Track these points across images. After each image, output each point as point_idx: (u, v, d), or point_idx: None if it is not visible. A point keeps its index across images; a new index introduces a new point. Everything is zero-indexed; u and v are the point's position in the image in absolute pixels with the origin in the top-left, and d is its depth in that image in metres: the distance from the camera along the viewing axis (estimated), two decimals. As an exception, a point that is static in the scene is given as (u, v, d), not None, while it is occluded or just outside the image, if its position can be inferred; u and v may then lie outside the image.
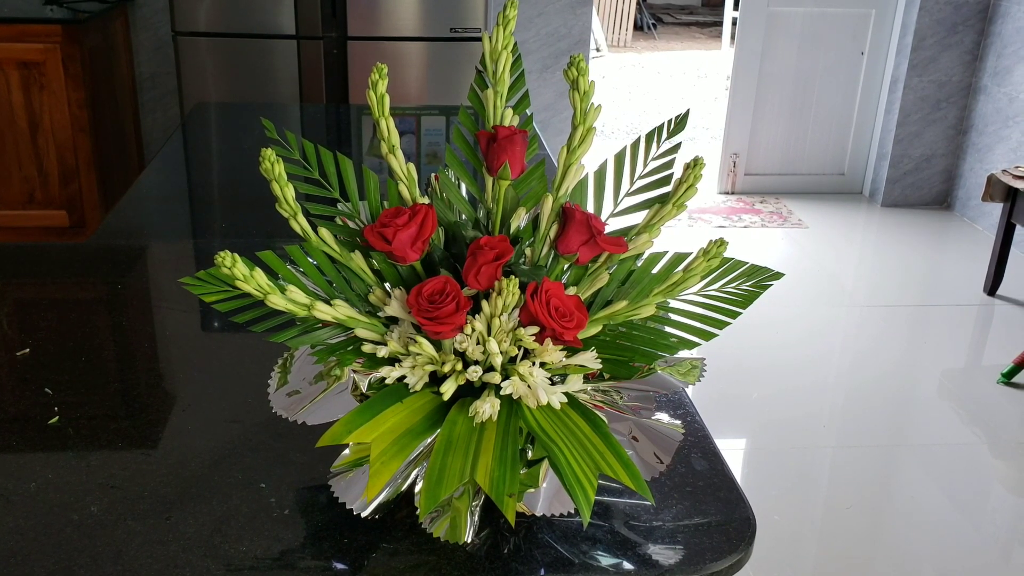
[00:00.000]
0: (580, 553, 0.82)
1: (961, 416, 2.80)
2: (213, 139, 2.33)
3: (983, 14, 4.21)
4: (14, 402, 1.04)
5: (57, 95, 3.13)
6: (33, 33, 3.09)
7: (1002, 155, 4.13)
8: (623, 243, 0.81)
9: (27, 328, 1.21)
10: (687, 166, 0.80)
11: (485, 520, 0.84)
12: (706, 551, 0.83)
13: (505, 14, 0.83)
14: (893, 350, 3.19)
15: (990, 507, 2.41)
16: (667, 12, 10.51)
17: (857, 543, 2.22)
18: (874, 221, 4.40)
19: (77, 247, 1.52)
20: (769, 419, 2.75)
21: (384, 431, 0.76)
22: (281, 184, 0.79)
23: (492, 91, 0.85)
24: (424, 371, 0.78)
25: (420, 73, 3.34)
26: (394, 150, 0.83)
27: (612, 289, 0.84)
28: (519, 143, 0.81)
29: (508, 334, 0.76)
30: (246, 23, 3.10)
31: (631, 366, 0.85)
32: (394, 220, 0.77)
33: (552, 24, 3.97)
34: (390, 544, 0.82)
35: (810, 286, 3.66)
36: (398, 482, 0.84)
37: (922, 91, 4.33)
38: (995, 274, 3.56)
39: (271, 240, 1.50)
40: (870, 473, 2.53)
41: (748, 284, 0.88)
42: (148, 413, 1.03)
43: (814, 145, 4.62)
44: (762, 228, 4.27)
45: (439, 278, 0.77)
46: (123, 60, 3.68)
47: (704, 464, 0.96)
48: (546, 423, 0.77)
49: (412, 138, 2.21)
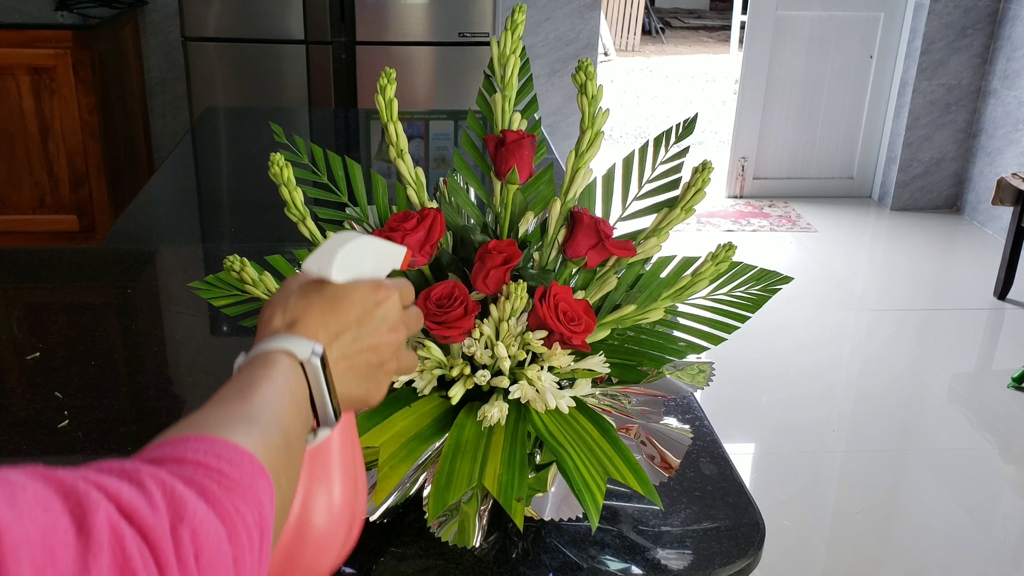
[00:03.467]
0: (588, 557, 0.82)
1: (971, 421, 2.79)
2: (222, 144, 2.34)
3: (992, 17, 4.20)
4: (24, 406, 1.04)
5: (67, 100, 3.14)
6: (44, 39, 3.11)
7: (1012, 158, 4.12)
8: (631, 247, 0.81)
9: (37, 332, 1.22)
10: (695, 170, 0.80)
11: (493, 524, 0.84)
12: (715, 556, 0.83)
13: (513, 19, 0.83)
14: (903, 354, 3.18)
15: (1000, 512, 2.40)
16: (675, 16, 10.51)
17: (866, 548, 2.21)
18: (883, 225, 4.38)
19: (87, 251, 1.53)
20: (778, 424, 2.74)
21: (392, 435, 0.76)
22: (290, 188, 0.80)
23: (500, 95, 0.85)
24: (432, 375, 0.78)
25: (428, 77, 3.35)
26: (402, 154, 0.83)
27: (620, 293, 0.84)
28: (527, 147, 0.81)
29: (516, 338, 0.76)
30: (255, 28, 3.12)
31: (639, 370, 0.84)
32: (403, 224, 0.77)
33: (560, 28, 3.97)
34: (398, 548, 0.82)
35: (819, 290, 3.65)
36: (406, 486, 0.84)
37: (931, 95, 4.31)
38: (1005, 278, 3.54)
39: (280, 244, 1.50)
40: (879, 478, 2.52)
41: (757, 288, 0.88)
42: (157, 417, 1.03)
43: (823, 149, 4.61)
44: (771, 232, 4.26)
45: (447, 282, 0.77)
46: (133, 65, 3.70)
47: (713, 468, 0.95)
48: (554, 427, 0.77)
49: (420, 142, 2.21)
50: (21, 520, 0.31)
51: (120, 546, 0.34)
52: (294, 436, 0.52)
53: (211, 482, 0.41)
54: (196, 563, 0.38)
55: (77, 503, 0.34)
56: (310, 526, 0.58)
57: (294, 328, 0.56)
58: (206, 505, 0.40)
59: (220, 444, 0.44)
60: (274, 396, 0.51)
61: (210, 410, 0.49)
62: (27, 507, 0.32)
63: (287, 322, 0.57)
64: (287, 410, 0.52)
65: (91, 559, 0.33)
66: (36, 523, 0.32)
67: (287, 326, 0.56)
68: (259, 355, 0.55)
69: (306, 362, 0.54)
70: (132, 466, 0.40)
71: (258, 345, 0.56)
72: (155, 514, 0.37)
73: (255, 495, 0.43)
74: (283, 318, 0.57)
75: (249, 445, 0.45)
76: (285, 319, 0.57)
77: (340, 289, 0.58)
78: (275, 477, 0.46)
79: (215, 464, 0.42)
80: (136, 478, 0.38)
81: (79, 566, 0.33)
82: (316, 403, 0.56)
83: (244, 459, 0.44)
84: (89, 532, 0.34)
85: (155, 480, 0.39)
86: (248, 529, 0.42)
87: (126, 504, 0.36)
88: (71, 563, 0.33)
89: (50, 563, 0.32)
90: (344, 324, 0.57)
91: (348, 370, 0.58)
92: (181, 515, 0.38)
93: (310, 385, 0.55)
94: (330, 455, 0.58)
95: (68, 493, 0.35)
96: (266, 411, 0.50)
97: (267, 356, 0.54)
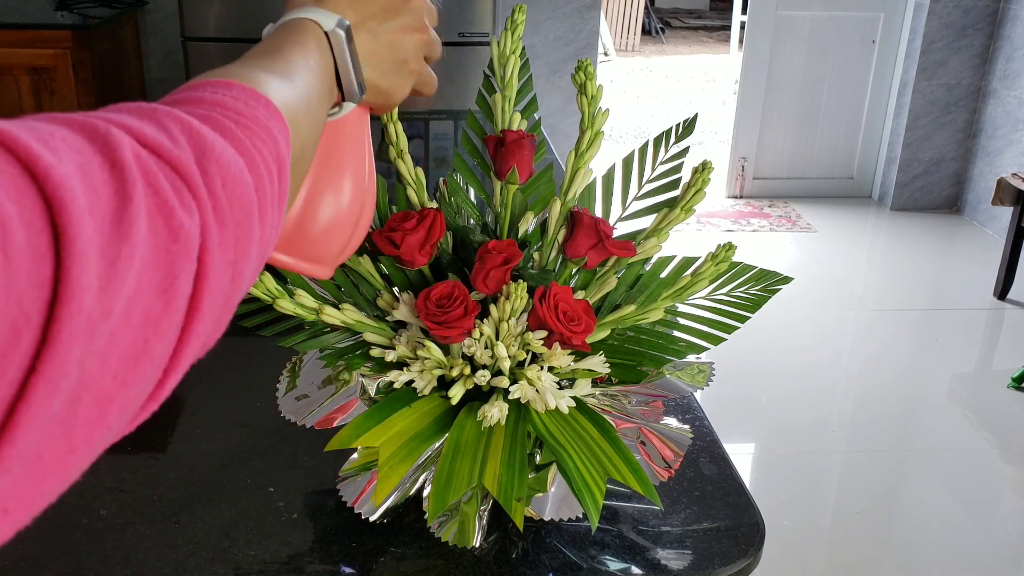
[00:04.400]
0: (588, 558, 0.82)
1: (971, 421, 2.79)
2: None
3: (992, 17, 4.20)
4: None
5: (67, 100, 3.14)
6: (43, 39, 3.11)
7: (1012, 159, 4.12)
8: (631, 247, 0.81)
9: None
10: (695, 170, 0.80)
11: (493, 524, 0.84)
12: (715, 556, 0.83)
13: (513, 19, 0.83)
14: (903, 354, 3.18)
15: (1000, 512, 2.40)
16: (675, 16, 10.51)
17: (866, 548, 2.21)
18: (883, 225, 4.38)
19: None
20: (778, 423, 2.74)
21: (392, 435, 0.76)
22: (290, 188, 0.79)
23: (500, 95, 0.85)
24: (432, 375, 0.78)
25: (428, 78, 3.35)
26: (402, 154, 0.83)
27: (620, 293, 0.84)
28: (527, 147, 0.81)
29: (516, 338, 0.76)
30: (255, 28, 3.11)
31: (639, 370, 0.84)
32: (402, 224, 0.77)
33: (560, 28, 3.97)
34: (398, 548, 0.82)
35: (819, 290, 3.65)
36: (406, 486, 0.84)
37: (931, 95, 4.32)
38: (1005, 278, 3.54)
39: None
40: (879, 478, 2.52)
41: (757, 288, 0.88)
42: (157, 417, 1.03)
43: (823, 149, 4.61)
44: (771, 232, 4.26)
45: (447, 282, 0.77)
46: (133, 65, 3.70)
47: (713, 468, 0.95)
48: (554, 427, 0.77)
49: (420, 142, 2.21)
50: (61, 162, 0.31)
51: (151, 180, 0.35)
52: (315, 97, 0.53)
53: (228, 120, 0.42)
54: (224, 192, 0.38)
55: (104, 143, 0.34)
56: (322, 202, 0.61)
57: (324, 3, 0.58)
58: (224, 140, 0.40)
59: (238, 88, 0.45)
60: (301, 57, 0.53)
61: (238, 64, 0.50)
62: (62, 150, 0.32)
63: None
64: (312, 71, 0.53)
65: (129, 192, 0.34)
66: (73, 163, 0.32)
67: (317, 1, 0.58)
68: (287, 22, 0.56)
69: (332, 32, 0.56)
70: (148, 106, 0.40)
71: (287, 15, 0.57)
72: (179, 148, 0.37)
73: (271, 135, 0.44)
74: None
75: (269, 92, 0.46)
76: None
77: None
78: (293, 125, 0.47)
79: (232, 104, 0.43)
80: (153, 117, 0.39)
81: (120, 200, 0.33)
82: (341, 75, 0.57)
83: (261, 102, 0.45)
84: (122, 168, 0.34)
85: (172, 118, 0.39)
86: (267, 164, 0.42)
87: (151, 140, 0.37)
88: (112, 197, 0.33)
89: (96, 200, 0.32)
90: (371, 10, 0.59)
91: (372, 55, 0.60)
92: (203, 149, 0.38)
93: (335, 57, 0.56)
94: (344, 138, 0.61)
95: (93, 134, 0.35)
96: (290, 69, 0.51)
97: (295, 23, 0.55)
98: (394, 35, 0.61)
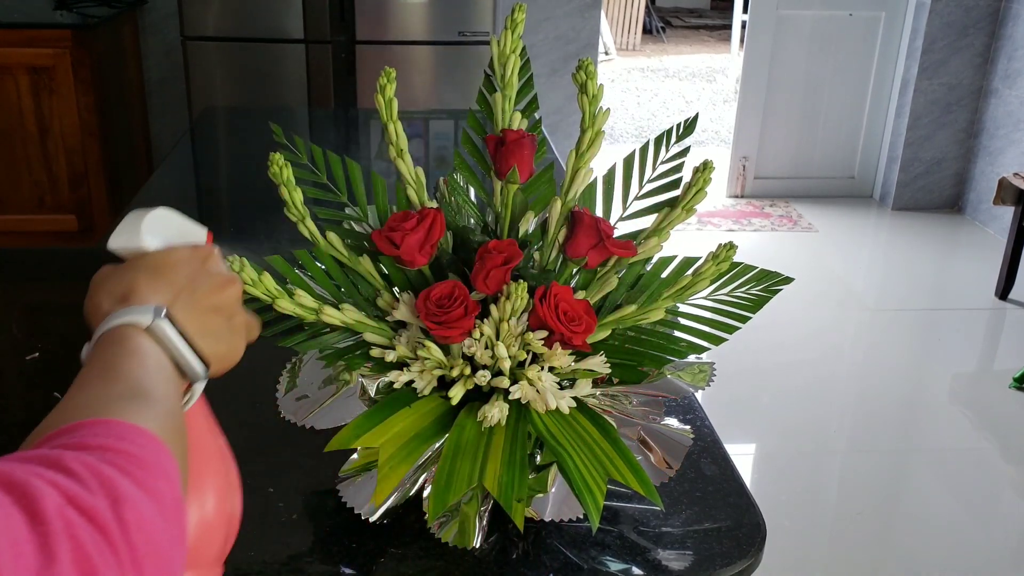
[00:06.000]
0: (589, 558, 0.82)
1: (972, 421, 2.78)
2: (221, 143, 2.33)
3: (993, 17, 4.20)
4: (23, 407, 1.04)
5: (67, 100, 3.14)
6: (43, 38, 3.10)
7: (1013, 158, 4.11)
8: (632, 247, 0.80)
9: (36, 333, 1.21)
10: (696, 170, 0.80)
11: (494, 525, 0.84)
12: (716, 557, 0.83)
13: (513, 18, 0.83)
14: (903, 354, 3.18)
15: (1001, 512, 2.39)
16: (676, 15, 10.51)
17: (867, 548, 2.21)
18: (884, 225, 4.38)
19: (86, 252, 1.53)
20: (779, 424, 2.74)
21: (392, 436, 0.76)
22: (289, 188, 0.79)
23: (500, 95, 0.85)
24: (432, 375, 0.77)
25: (428, 77, 3.35)
26: (402, 154, 0.83)
27: (621, 293, 0.84)
28: (528, 147, 0.81)
29: (517, 338, 0.76)
30: (255, 27, 3.11)
31: (640, 370, 0.84)
32: (402, 224, 0.77)
33: (560, 28, 3.97)
34: (398, 549, 0.82)
35: (820, 290, 3.65)
36: (406, 487, 0.84)
37: (932, 94, 4.31)
38: (1006, 278, 3.54)
39: (279, 244, 1.50)
40: (880, 478, 2.52)
41: (757, 288, 0.88)
42: (157, 417, 1.03)
43: (824, 148, 4.61)
44: (772, 232, 4.26)
45: (447, 282, 0.76)
46: (132, 65, 3.69)
47: (714, 469, 0.95)
48: (555, 428, 0.77)
49: (421, 142, 2.21)
50: None
51: (72, 533, 0.34)
52: (172, 404, 0.50)
53: (126, 463, 0.40)
54: (141, 542, 0.37)
55: (22, 495, 0.34)
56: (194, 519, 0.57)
57: (128, 302, 0.53)
58: (132, 485, 0.39)
59: (115, 425, 0.42)
60: (139, 369, 0.49)
61: (83, 396, 0.46)
62: None
63: (117, 299, 0.54)
64: (156, 380, 0.49)
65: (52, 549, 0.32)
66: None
67: (119, 302, 0.53)
68: (104, 336, 0.52)
69: (153, 326, 0.52)
70: (53, 453, 0.38)
71: (98, 329, 0.53)
72: (95, 497, 0.36)
73: (164, 471, 0.42)
74: (111, 299, 0.54)
75: (141, 423, 0.44)
76: (113, 299, 0.54)
77: (159, 256, 0.56)
78: (171, 446, 0.45)
79: (122, 446, 0.41)
80: (63, 464, 0.37)
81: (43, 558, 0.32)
82: (179, 362, 0.53)
83: (144, 437, 0.43)
84: (43, 522, 0.33)
85: (82, 464, 0.38)
86: (172, 503, 0.41)
87: (66, 490, 0.35)
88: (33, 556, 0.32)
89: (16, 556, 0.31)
90: (177, 286, 0.55)
91: (200, 325, 0.56)
92: (116, 496, 0.37)
93: (167, 348, 0.53)
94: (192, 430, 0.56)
95: (11, 486, 0.34)
96: (139, 386, 0.47)
97: (113, 334, 0.51)
98: (211, 296, 0.57)
